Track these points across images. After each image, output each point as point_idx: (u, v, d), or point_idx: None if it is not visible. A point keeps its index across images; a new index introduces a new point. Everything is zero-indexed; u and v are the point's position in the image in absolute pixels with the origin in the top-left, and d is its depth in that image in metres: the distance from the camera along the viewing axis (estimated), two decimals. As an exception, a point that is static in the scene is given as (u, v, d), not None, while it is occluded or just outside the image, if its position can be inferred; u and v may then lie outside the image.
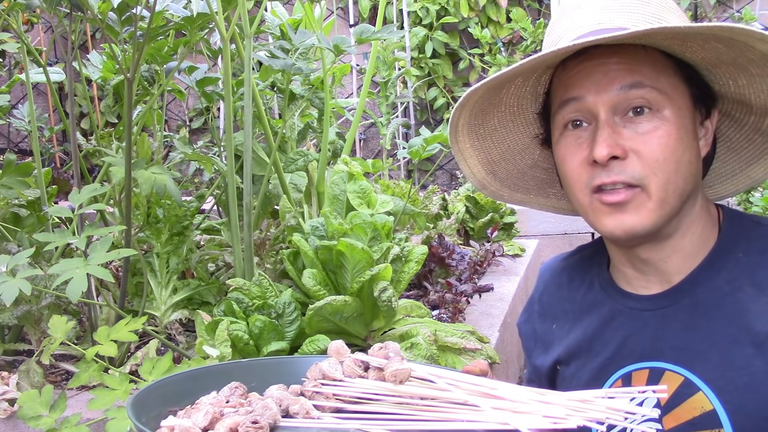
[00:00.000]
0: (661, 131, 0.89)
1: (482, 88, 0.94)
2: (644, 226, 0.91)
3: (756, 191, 3.46)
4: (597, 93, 0.90)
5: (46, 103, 6.37)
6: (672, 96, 0.90)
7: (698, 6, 5.57)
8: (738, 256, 0.94)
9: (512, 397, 0.72)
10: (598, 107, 0.90)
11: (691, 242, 0.96)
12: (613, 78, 0.89)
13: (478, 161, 1.08)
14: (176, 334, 1.93)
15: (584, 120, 0.92)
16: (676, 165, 0.89)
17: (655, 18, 0.92)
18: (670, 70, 0.91)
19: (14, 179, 1.85)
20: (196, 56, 2.33)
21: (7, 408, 1.58)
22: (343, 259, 1.64)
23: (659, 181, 0.89)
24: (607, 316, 1.03)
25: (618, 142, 0.89)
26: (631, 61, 0.89)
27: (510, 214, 3.22)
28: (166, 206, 1.96)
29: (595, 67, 0.90)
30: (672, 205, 0.91)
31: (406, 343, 1.66)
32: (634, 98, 0.89)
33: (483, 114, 1.03)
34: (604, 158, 0.88)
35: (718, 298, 0.93)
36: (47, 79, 1.97)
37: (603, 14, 0.92)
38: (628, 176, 0.89)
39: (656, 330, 0.97)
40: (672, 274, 0.97)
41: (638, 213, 0.90)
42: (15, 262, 1.40)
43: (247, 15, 1.80)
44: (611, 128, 0.89)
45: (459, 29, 5.97)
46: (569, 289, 1.11)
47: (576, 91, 0.92)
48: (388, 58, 4.54)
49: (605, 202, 0.91)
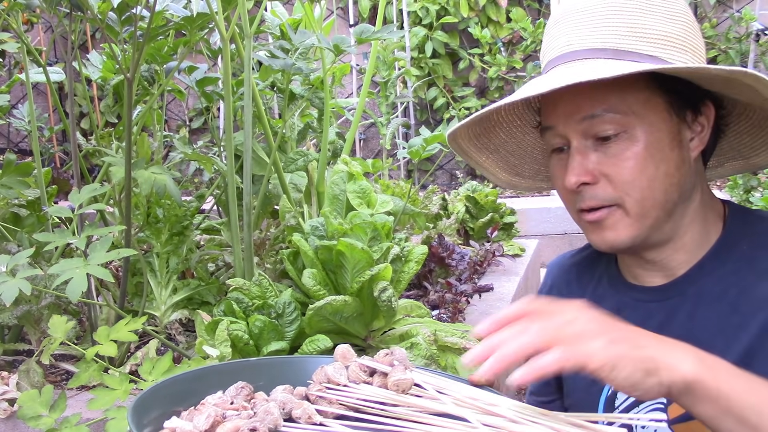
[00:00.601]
0: (628, 152, 0.90)
1: (463, 128, 1.00)
2: (624, 241, 0.94)
3: (756, 191, 3.46)
4: (565, 123, 0.93)
5: (46, 103, 6.37)
6: (642, 113, 0.90)
7: (698, 6, 5.57)
8: (743, 249, 0.95)
9: (509, 415, 0.72)
10: (569, 135, 0.93)
11: (692, 239, 0.97)
12: (578, 108, 0.91)
13: (500, 168, 1.12)
14: (176, 334, 1.93)
15: (564, 145, 0.95)
16: (649, 182, 0.91)
17: (629, 29, 0.91)
18: (641, 83, 0.91)
19: (14, 179, 1.85)
20: (196, 56, 2.33)
21: (7, 408, 1.58)
22: (343, 259, 1.64)
23: (632, 199, 0.92)
24: (614, 308, 1.04)
25: (587, 169, 0.92)
26: (597, 86, 0.89)
27: (510, 214, 3.22)
28: (166, 206, 1.96)
29: (563, 95, 0.92)
30: (653, 218, 0.93)
31: (406, 343, 1.66)
32: (598, 125, 0.91)
33: (487, 133, 1.06)
34: (572, 186, 0.93)
35: (722, 287, 0.94)
36: (47, 79, 1.97)
37: (575, 32, 0.93)
38: (599, 200, 0.93)
39: (662, 320, 0.98)
40: (677, 269, 0.99)
41: (617, 229, 0.93)
42: (15, 262, 1.40)
43: (247, 15, 1.80)
44: (581, 155, 0.92)
45: (459, 29, 5.98)
46: (578, 285, 1.13)
47: (550, 120, 0.95)
48: (388, 58, 4.54)
49: (586, 221, 0.96)
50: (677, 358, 0.72)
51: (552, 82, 0.87)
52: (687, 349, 0.74)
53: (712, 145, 1.00)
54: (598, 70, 0.85)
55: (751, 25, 5.17)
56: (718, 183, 4.83)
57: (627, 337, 0.74)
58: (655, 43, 0.90)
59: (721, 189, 4.41)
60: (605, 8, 0.92)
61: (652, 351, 0.72)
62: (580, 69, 0.89)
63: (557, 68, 0.93)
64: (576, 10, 0.94)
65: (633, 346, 0.72)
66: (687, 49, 0.92)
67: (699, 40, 0.95)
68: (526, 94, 0.88)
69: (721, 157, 1.07)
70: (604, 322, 0.75)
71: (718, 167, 1.09)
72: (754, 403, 0.71)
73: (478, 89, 6.10)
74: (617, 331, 0.74)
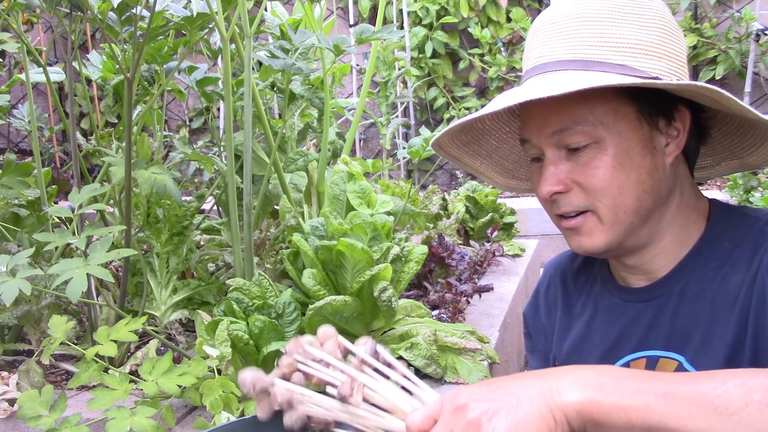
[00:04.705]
0: (597, 161, 0.92)
1: (446, 137, 1.02)
2: (599, 247, 0.96)
3: (756, 191, 3.46)
4: (537, 136, 0.95)
5: (46, 103, 6.37)
6: (610, 123, 0.91)
7: (698, 6, 5.57)
8: (725, 246, 0.96)
9: None
10: (542, 147, 0.96)
11: (671, 242, 0.99)
12: (547, 122, 0.94)
13: (496, 173, 1.15)
14: (176, 334, 1.93)
15: (540, 155, 0.98)
16: (620, 189, 0.93)
17: (598, 39, 0.91)
18: (609, 94, 0.91)
19: (14, 179, 1.85)
20: (196, 56, 2.33)
21: (7, 408, 1.58)
22: (343, 259, 1.64)
23: (604, 206, 0.94)
24: (606, 309, 1.07)
25: (559, 178, 0.94)
26: (565, 100, 0.90)
27: (510, 214, 3.22)
28: (166, 206, 1.96)
29: (535, 110, 0.95)
30: (627, 224, 0.95)
31: (406, 343, 1.66)
32: (568, 138, 0.93)
33: (477, 141, 1.08)
34: (545, 196, 0.96)
35: (703, 284, 0.96)
36: (47, 79, 1.97)
37: (548, 44, 0.94)
38: (573, 207, 0.95)
39: (650, 319, 1.00)
40: (658, 271, 1.00)
41: (591, 235, 0.96)
42: (15, 262, 1.40)
43: (247, 15, 1.80)
44: (554, 165, 0.95)
45: (459, 29, 5.98)
46: (575, 285, 1.15)
47: (525, 132, 0.98)
48: (388, 58, 4.54)
49: (564, 227, 0.99)
50: (563, 389, 0.69)
51: (510, 98, 0.90)
52: (575, 377, 0.69)
53: (695, 148, 1.01)
54: (563, 83, 0.87)
55: (751, 25, 5.17)
56: (718, 183, 4.84)
57: (508, 392, 0.70)
58: (625, 52, 0.91)
59: (721, 189, 4.41)
60: (576, 19, 0.93)
61: (531, 392, 0.69)
62: (549, 81, 0.91)
63: (530, 80, 0.95)
64: (549, 22, 0.96)
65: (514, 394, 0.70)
66: (661, 56, 0.92)
67: (677, 45, 0.94)
68: (491, 109, 0.91)
69: (716, 157, 1.07)
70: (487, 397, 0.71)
71: (715, 166, 1.09)
72: (671, 411, 0.66)
73: (478, 89, 6.10)
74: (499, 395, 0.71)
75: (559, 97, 0.85)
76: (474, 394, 0.71)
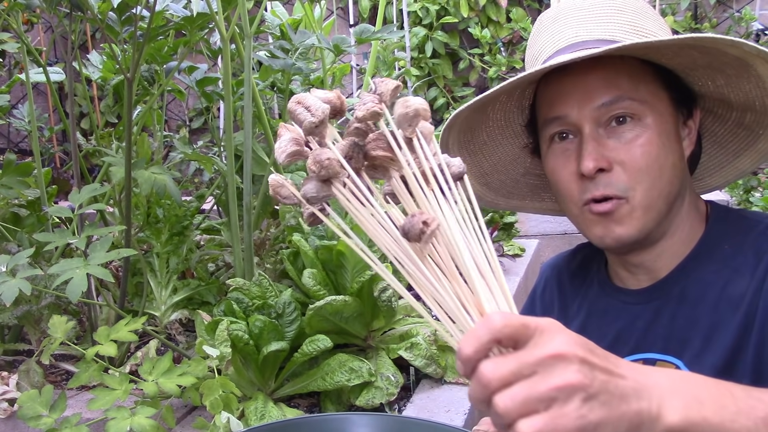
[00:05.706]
0: (643, 139, 0.91)
1: (467, 110, 0.98)
2: (631, 235, 0.94)
3: (756, 191, 3.46)
4: (579, 110, 0.93)
5: (46, 103, 6.37)
6: (652, 103, 0.92)
7: (698, 6, 5.57)
8: (724, 248, 0.97)
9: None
10: (582, 123, 0.93)
11: (678, 241, 0.99)
12: (594, 94, 0.92)
13: (472, 175, 1.12)
14: (176, 334, 1.93)
15: (570, 132, 0.95)
16: (660, 170, 0.92)
17: (632, 26, 0.94)
18: (649, 77, 0.93)
19: (14, 179, 1.85)
20: (196, 56, 2.33)
21: (7, 408, 1.58)
22: (343, 259, 1.64)
23: (643, 189, 0.92)
24: (602, 311, 1.06)
25: (603, 154, 0.92)
26: (610, 75, 0.91)
27: (510, 214, 3.22)
28: (166, 206, 1.96)
29: (575, 84, 0.93)
30: (658, 209, 0.94)
31: (406, 343, 1.66)
32: (615, 110, 0.92)
33: (471, 131, 1.07)
34: (590, 172, 0.91)
35: (703, 288, 0.95)
36: (47, 79, 1.97)
37: (581, 26, 0.95)
38: (614, 189, 0.92)
39: (647, 322, 0.99)
40: (660, 271, 1.00)
41: (624, 222, 0.93)
42: (15, 262, 1.40)
43: (247, 15, 1.80)
44: (596, 141, 0.92)
45: (459, 29, 5.97)
46: (571, 286, 1.14)
47: (560, 109, 0.95)
48: (388, 58, 4.54)
49: (594, 212, 0.94)
50: (664, 406, 0.59)
51: (581, 47, 0.88)
52: (673, 388, 0.60)
53: (697, 152, 1.03)
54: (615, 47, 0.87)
55: (751, 25, 5.17)
56: (718, 183, 4.83)
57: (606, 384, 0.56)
58: None
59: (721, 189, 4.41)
60: (608, 8, 0.95)
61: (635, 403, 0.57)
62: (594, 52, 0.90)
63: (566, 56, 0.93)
64: (578, 8, 0.97)
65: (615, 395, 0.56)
66: None
67: None
68: (548, 65, 0.88)
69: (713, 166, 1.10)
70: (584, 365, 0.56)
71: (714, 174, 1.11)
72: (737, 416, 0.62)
73: (478, 89, 6.10)
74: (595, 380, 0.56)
75: (608, 72, 0.87)
76: (590, 353, 0.54)
